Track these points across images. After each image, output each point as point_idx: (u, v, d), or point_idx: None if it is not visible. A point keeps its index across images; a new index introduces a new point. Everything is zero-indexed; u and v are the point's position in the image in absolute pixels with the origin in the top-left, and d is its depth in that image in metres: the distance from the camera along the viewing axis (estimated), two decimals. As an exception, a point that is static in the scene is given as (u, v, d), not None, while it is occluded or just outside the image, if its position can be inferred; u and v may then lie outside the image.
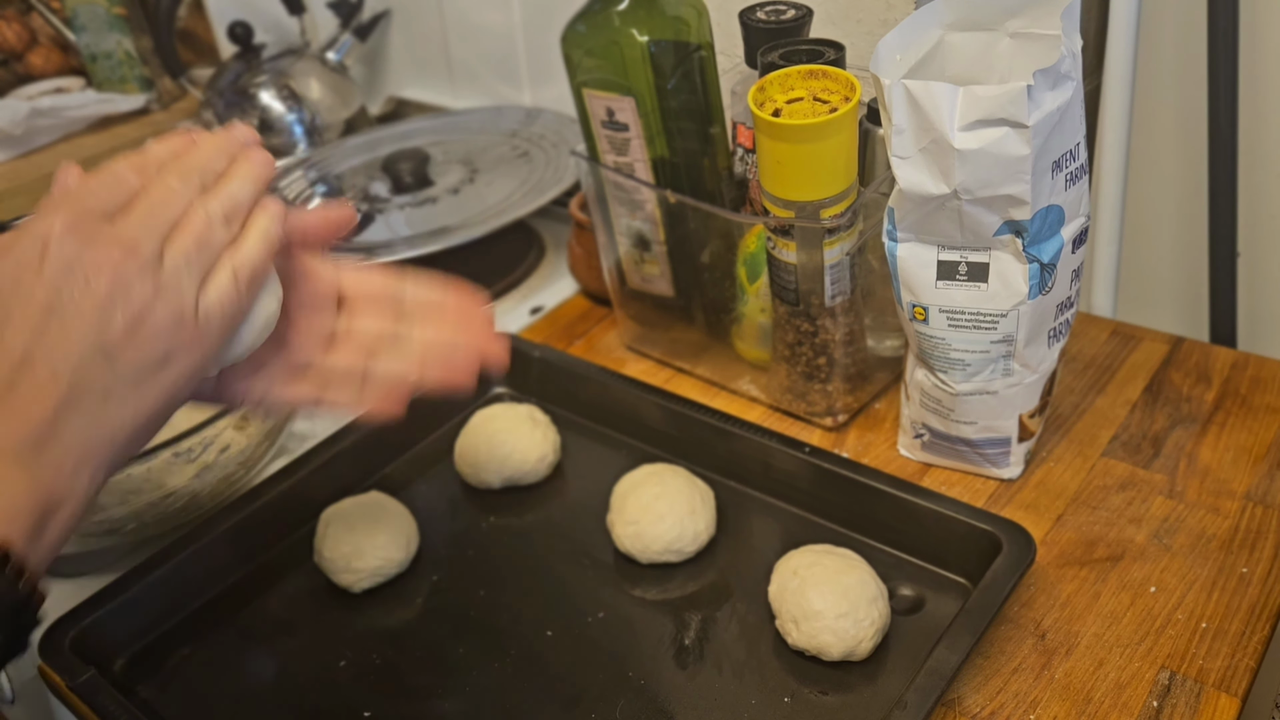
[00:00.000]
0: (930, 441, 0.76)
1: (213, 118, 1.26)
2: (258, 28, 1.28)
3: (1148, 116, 0.98)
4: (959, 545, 0.67)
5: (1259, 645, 0.62)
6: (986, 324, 0.67)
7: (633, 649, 0.66)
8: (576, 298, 1.01)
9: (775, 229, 0.73)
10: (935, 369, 0.71)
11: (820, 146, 0.67)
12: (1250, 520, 0.70)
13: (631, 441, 0.82)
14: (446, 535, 0.76)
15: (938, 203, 0.64)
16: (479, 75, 1.28)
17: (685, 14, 0.75)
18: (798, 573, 0.65)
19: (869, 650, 0.63)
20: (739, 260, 0.81)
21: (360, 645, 0.68)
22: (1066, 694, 0.61)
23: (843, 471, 0.72)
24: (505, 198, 1.05)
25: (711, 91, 0.78)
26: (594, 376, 0.84)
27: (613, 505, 0.74)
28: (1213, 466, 0.75)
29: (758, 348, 0.84)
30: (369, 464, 0.81)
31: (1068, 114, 0.62)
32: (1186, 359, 0.85)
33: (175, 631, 0.70)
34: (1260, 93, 0.92)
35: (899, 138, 0.63)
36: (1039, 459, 0.77)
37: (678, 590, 0.70)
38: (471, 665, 0.66)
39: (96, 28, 1.37)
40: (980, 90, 0.59)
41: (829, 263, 0.72)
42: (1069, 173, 0.64)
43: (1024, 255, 0.64)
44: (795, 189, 0.69)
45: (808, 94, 0.68)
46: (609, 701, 0.63)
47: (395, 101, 1.40)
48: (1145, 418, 0.80)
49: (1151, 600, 0.66)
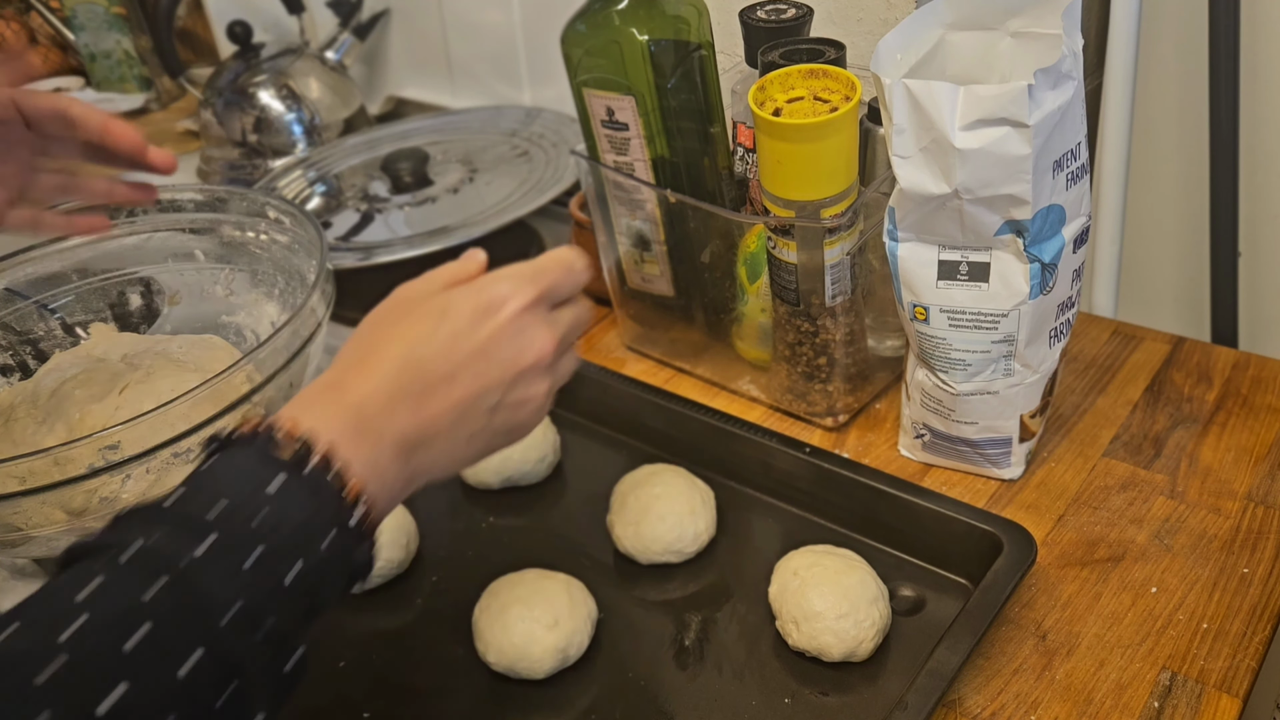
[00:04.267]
0: (931, 442, 0.76)
1: (212, 117, 1.26)
2: (257, 27, 1.28)
3: (1149, 116, 0.98)
4: (960, 546, 0.67)
5: (1260, 646, 0.62)
6: (987, 324, 0.67)
7: (633, 650, 0.66)
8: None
9: (776, 229, 0.72)
10: (936, 369, 0.71)
11: (821, 146, 0.66)
12: (1251, 521, 0.70)
13: (631, 441, 0.82)
14: (446, 535, 0.76)
15: (938, 202, 0.63)
16: (479, 75, 1.28)
17: (685, 13, 0.75)
18: (798, 573, 0.64)
19: (870, 651, 0.62)
20: (739, 260, 0.81)
21: (360, 645, 0.68)
22: (1067, 695, 0.61)
23: (843, 472, 0.72)
24: (505, 197, 1.05)
25: (711, 91, 0.78)
26: (594, 376, 0.84)
27: (613, 505, 0.74)
28: (1214, 467, 0.75)
29: (758, 348, 0.84)
30: (368, 464, 0.81)
31: (1069, 113, 0.62)
32: (1188, 359, 0.85)
33: (174, 632, 0.69)
34: (1261, 92, 0.92)
35: (900, 137, 0.63)
36: (1040, 459, 0.77)
37: (678, 591, 0.70)
38: (471, 665, 0.66)
39: (95, 27, 1.37)
40: (981, 90, 0.59)
41: (829, 262, 0.72)
42: (1070, 172, 0.64)
43: (1025, 255, 0.64)
44: (796, 188, 0.69)
45: (808, 93, 0.68)
46: (609, 702, 0.63)
47: (395, 101, 1.40)
48: (1146, 418, 0.80)
49: (1152, 601, 0.66)
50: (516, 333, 0.50)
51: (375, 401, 0.47)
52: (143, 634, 0.37)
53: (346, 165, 1.19)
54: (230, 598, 0.39)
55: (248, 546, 0.40)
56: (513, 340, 0.50)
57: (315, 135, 1.26)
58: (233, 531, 0.40)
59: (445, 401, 0.48)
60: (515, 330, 0.50)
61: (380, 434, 0.46)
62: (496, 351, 0.49)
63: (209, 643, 0.38)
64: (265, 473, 0.42)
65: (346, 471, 0.44)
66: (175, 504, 0.42)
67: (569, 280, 0.53)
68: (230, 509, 0.41)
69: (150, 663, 0.37)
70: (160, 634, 0.37)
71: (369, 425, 0.46)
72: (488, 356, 0.49)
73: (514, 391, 0.50)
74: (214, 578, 0.39)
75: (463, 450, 0.50)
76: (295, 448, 0.43)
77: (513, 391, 0.50)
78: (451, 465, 0.50)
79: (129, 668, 0.36)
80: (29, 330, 0.83)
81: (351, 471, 0.44)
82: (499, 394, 0.50)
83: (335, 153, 1.21)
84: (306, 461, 0.43)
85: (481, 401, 0.49)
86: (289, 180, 1.16)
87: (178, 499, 0.42)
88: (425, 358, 0.48)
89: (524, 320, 0.50)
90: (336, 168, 1.19)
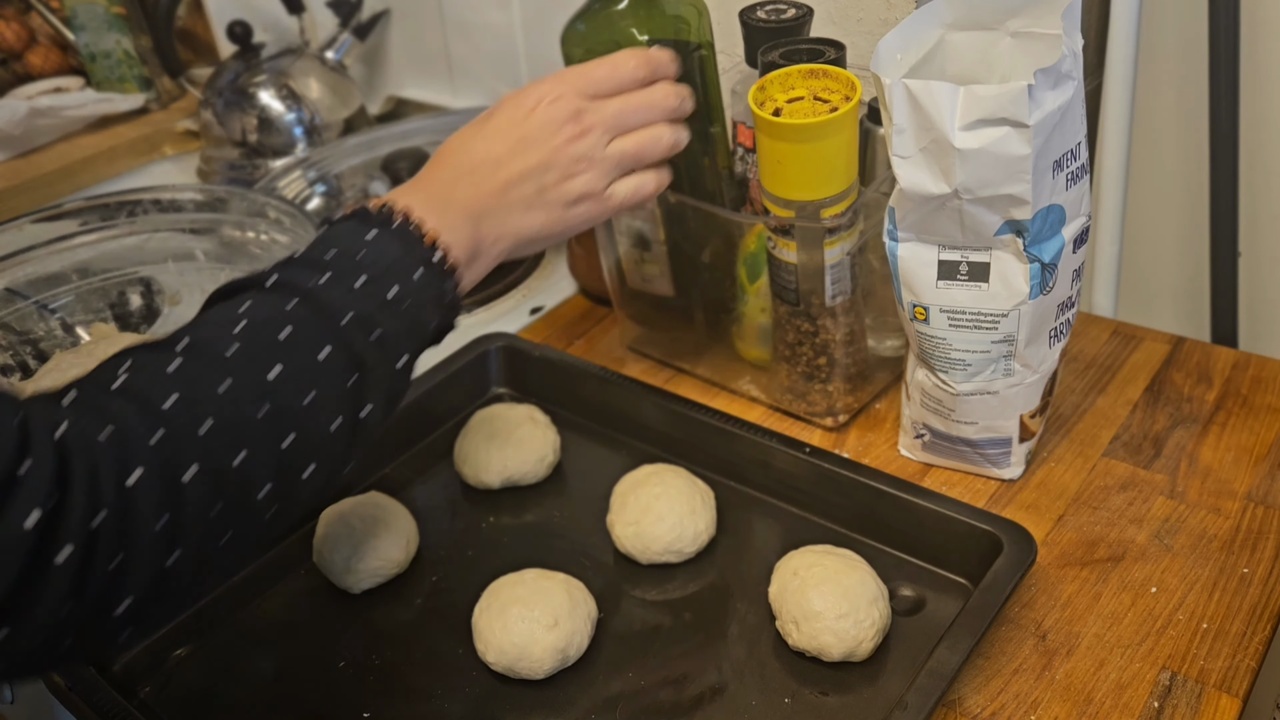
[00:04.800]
0: (931, 442, 0.76)
1: (212, 117, 1.26)
2: (257, 27, 1.28)
3: (1149, 116, 0.98)
4: (960, 546, 0.67)
5: (1260, 646, 0.62)
6: (987, 324, 0.67)
7: (633, 650, 0.66)
8: (576, 298, 1.01)
9: (776, 229, 0.72)
10: (936, 369, 0.71)
11: (821, 146, 0.66)
12: (1251, 521, 0.70)
13: (631, 441, 0.82)
14: (446, 535, 0.76)
15: (938, 202, 0.63)
16: (479, 74, 1.28)
17: (685, 13, 0.75)
18: (798, 573, 0.64)
19: (869, 651, 0.63)
20: (739, 260, 0.81)
21: (360, 645, 0.68)
22: (1067, 694, 0.61)
23: (843, 472, 0.72)
24: (505, 197, 1.04)
25: (712, 91, 0.78)
26: (594, 376, 0.84)
27: (613, 505, 0.74)
28: (1214, 467, 0.75)
29: (758, 347, 0.84)
30: (369, 464, 0.81)
31: (1069, 113, 0.62)
32: (1187, 359, 0.85)
33: (175, 631, 0.69)
34: (1261, 92, 0.92)
35: (900, 137, 0.63)
36: (1040, 459, 0.77)
37: (678, 590, 0.70)
38: (471, 665, 0.66)
39: (95, 27, 1.37)
40: (981, 90, 0.59)
41: (829, 262, 0.72)
42: (1070, 172, 0.64)
43: (1025, 255, 0.64)
44: (796, 189, 0.69)
45: (808, 93, 0.68)
46: (609, 702, 0.63)
47: (395, 101, 1.40)
48: (1146, 418, 0.80)
49: (1152, 601, 0.66)
50: (551, 120, 0.62)
51: (440, 183, 0.61)
52: (287, 332, 0.50)
53: (346, 165, 1.19)
54: (347, 308, 0.52)
55: (355, 274, 0.54)
56: (543, 128, 0.62)
57: (315, 135, 1.26)
58: (343, 266, 0.54)
59: (496, 180, 0.61)
60: (550, 119, 0.62)
61: (446, 204, 0.59)
62: (536, 137, 0.62)
63: (335, 340, 0.51)
64: (363, 229, 0.56)
65: (423, 225, 0.57)
66: (301, 255, 0.55)
67: (613, 74, 0.64)
68: (339, 253, 0.55)
69: (296, 350, 0.50)
70: (299, 333, 0.50)
71: (436, 198, 0.59)
72: (528, 142, 0.62)
73: (551, 172, 0.62)
74: (333, 296, 0.52)
75: (522, 219, 0.62)
76: (383, 213, 0.57)
77: (549, 172, 0.62)
78: (519, 233, 0.62)
79: (283, 353, 0.50)
80: (29, 330, 0.83)
81: (428, 225, 0.57)
82: (543, 173, 0.62)
83: (335, 153, 1.21)
84: (392, 220, 0.57)
85: (529, 179, 0.62)
86: (289, 180, 1.16)
87: (302, 253, 0.55)
88: (476, 149, 0.62)
89: (556, 109, 0.62)
90: (336, 168, 1.19)
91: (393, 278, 0.55)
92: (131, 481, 0.43)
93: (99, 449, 0.43)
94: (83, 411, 0.44)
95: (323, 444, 0.50)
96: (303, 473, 0.50)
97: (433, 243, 0.57)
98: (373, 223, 0.56)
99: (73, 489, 0.41)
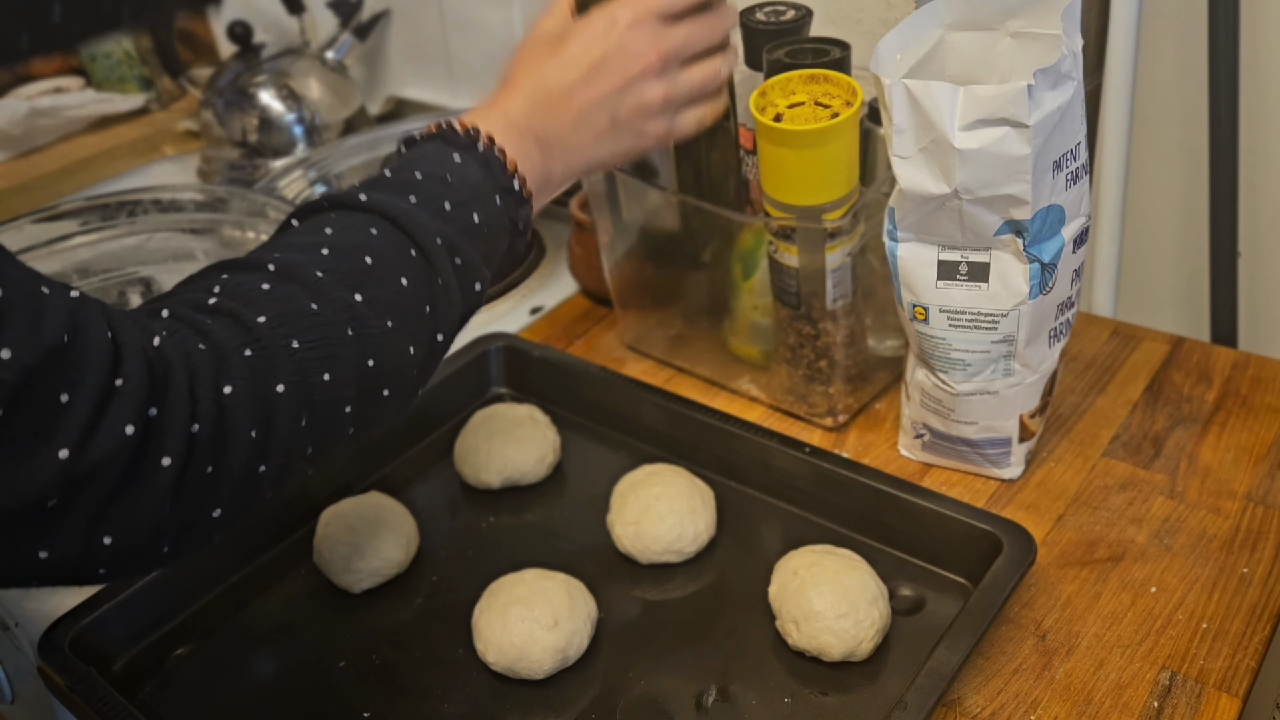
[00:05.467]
0: (931, 442, 0.76)
1: (212, 117, 1.26)
2: (257, 27, 1.28)
3: (1148, 116, 0.98)
4: (959, 545, 0.67)
5: (1260, 645, 0.62)
6: (987, 324, 0.67)
7: (633, 650, 0.66)
8: (576, 298, 1.01)
9: (777, 233, 0.72)
10: (936, 369, 0.71)
11: (822, 152, 0.67)
12: (1251, 520, 0.70)
13: (631, 441, 0.82)
14: (446, 535, 0.76)
15: (938, 202, 0.63)
16: (479, 75, 1.28)
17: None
18: (798, 573, 0.64)
19: (869, 651, 0.63)
20: (734, 256, 0.81)
21: (360, 645, 0.68)
22: (1067, 694, 0.61)
23: (843, 472, 0.72)
24: (505, 197, 1.04)
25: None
26: (594, 376, 0.84)
27: (613, 505, 0.74)
28: (1213, 467, 0.75)
29: (750, 344, 0.84)
30: (369, 464, 0.81)
31: (1068, 114, 0.62)
32: (1187, 359, 0.85)
33: (175, 631, 0.69)
34: (1261, 92, 0.92)
35: (899, 137, 0.63)
36: (1039, 459, 0.77)
37: (678, 590, 0.70)
38: (471, 665, 0.66)
39: (96, 27, 1.37)
40: (981, 90, 0.59)
41: (831, 266, 0.72)
42: (1069, 172, 0.64)
43: (1025, 255, 0.64)
44: (797, 194, 0.69)
45: (809, 99, 0.68)
46: (609, 702, 0.63)
47: (395, 101, 1.40)
48: (1146, 418, 0.80)
49: (1152, 600, 0.66)
50: (621, 47, 0.63)
51: (517, 110, 0.62)
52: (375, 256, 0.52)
53: (347, 165, 1.19)
54: (434, 233, 0.54)
55: (442, 198, 0.56)
56: (618, 55, 0.63)
57: (315, 135, 1.26)
58: (431, 190, 0.56)
59: (569, 110, 0.62)
60: (620, 45, 0.63)
61: (523, 132, 0.61)
62: (605, 66, 0.62)
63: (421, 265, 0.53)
64: (449, 151, 0.58)
65: (504, 152, 0.59)
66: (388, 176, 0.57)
67: None
68: (426, 175, 0.56)
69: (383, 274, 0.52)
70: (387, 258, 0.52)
71: (513, 125, 0.61)
72: (598, 70, 0.62)
73: (627, 98, 0.63)
74: (421, 220, 0.54)
75: (593, 148, 0.64)
76: (469, 136, 0.59)
77: (626, 98, 0.63)
78: (588, 162, 0.65)
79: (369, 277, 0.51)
80: (29, 330, 0.83)
81: (508, 153, 0.59)
82: (614, 101, 0.63)
83: (335, 153, 1.21)
84: (476, 144, 0.58)
85: (600, 109, 0.63)
86: (289, 180, 1.16)
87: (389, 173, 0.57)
88: (549, 77, 0.62)
89: (629, 35, 0.63)
90: (337, 168, 1.19)
91: (476, 204, 0.57)
92: (228, 391, 0.45)
93: (196, 359, 0.45)
94: (179, 325, 0.47)
95: (401, 366, 0.53)
96: (381, 393, 0.52)
97: (513, 170, 0.59)
98: (458, 145, 0.58)
99: (171, 398, 0.43)
